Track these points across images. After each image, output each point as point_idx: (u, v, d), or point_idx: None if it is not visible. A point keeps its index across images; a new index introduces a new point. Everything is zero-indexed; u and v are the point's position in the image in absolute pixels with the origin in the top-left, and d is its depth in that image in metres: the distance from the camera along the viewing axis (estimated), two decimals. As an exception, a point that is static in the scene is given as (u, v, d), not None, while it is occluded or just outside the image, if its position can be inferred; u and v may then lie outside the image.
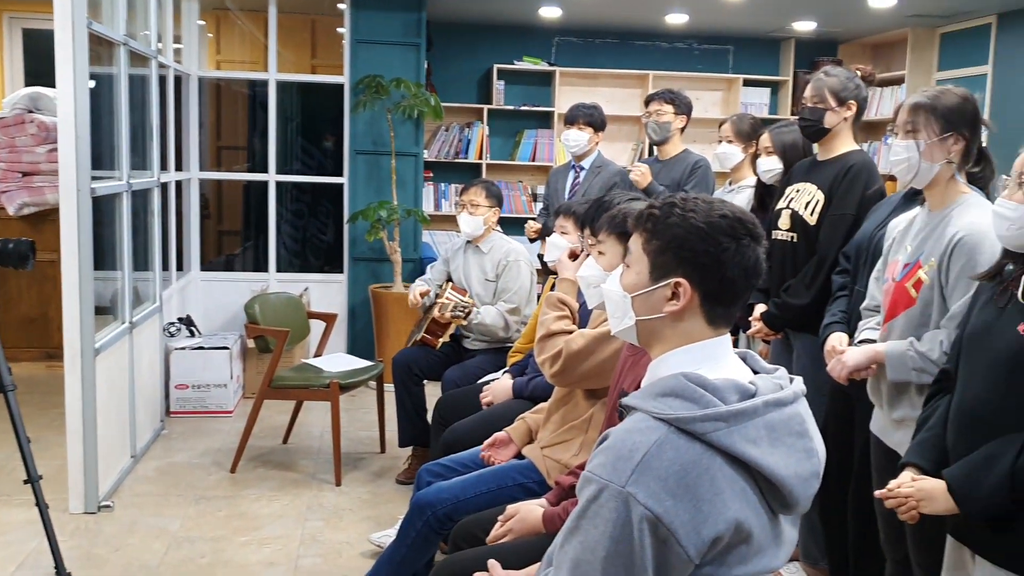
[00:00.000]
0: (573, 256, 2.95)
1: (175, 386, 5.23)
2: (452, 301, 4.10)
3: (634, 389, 1.64)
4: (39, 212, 6.02)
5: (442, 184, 7.41)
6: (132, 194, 4.36)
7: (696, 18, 6.94)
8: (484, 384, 3.66)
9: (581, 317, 2.88)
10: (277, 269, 6.33)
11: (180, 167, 5.87)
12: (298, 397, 4.50)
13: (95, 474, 3.79)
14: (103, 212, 4.16)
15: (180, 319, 5.65)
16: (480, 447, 2.93)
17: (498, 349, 4.20)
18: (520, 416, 2.98)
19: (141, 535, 3.64)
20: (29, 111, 6.05)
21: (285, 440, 4.83)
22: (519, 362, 3.71)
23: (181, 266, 5.94)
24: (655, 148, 4.65)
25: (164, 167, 5.20)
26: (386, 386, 4.62)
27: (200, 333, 5.68)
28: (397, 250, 5.98)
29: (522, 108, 7.42)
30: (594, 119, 4.68)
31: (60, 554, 3.02)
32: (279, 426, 4.91)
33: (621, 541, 1.30)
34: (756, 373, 1.52)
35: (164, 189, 5.16)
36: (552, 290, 2.98)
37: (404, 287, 5.86)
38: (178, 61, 5.78)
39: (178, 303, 5.75)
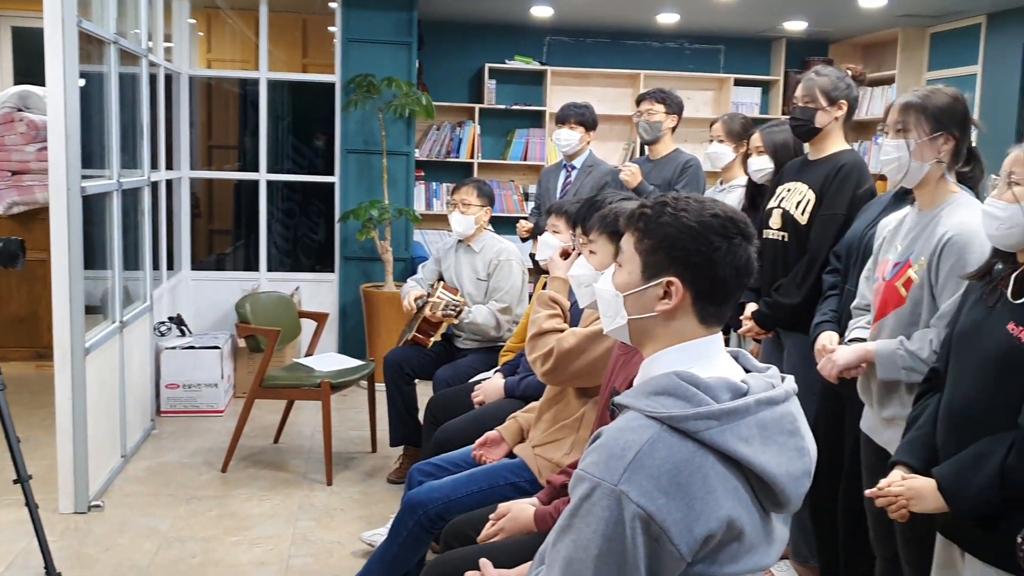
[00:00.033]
0: (565, 255, 2.95)
1: (166, 385, 5.22)
2: (443, 300, 4.10)
3: (626, 388, 1.64)
4: (29, 211, 6.01)
5: (433, 183, 7.40)
6: (122, 193, 4.35)
7: (687, 18, 6.95)
8: (475, 383, 3.65)
9: (572, 316, 2.88)
10: (268, 268, 6.30)
11: (170, 166, 5.85)
12: (289, 396, 4.49)
13: (85, 474, 3.78)
14: (93, 211, 4.15)
15: (171, 318, 5.64)
16: (471, 446, 2.93)
17: (489, 348, 4.20)
18: (511, 415, 2.98)
19: (131, 535, 3.63)
20: (18, 109, 6.03)
21: (276, 440, 4.82)
22: (511, 361, 3.71)
23: (172, 265, 5.92)
24: (646, 147, 4.66)
25: (154, 166, 5.19)
26: (377, 385, 4.62)
27: (191, 332, 5.67)
28: (388, 249, 5.97)
29: (513, 107, 7.41)
30: (585, 118, 4.68)
31: (50, 554, 3.01)
32: (270, 426, 4.91)
33: (613, 539, 1.31)
34: (748, 372, 1.52)
35: (154, 188, 5.15)
36: (544, 289, 2.98)
37: (395, 286, 5.86)
38: (168, 60, 5.76)
39: (169, 302, 5.73)
